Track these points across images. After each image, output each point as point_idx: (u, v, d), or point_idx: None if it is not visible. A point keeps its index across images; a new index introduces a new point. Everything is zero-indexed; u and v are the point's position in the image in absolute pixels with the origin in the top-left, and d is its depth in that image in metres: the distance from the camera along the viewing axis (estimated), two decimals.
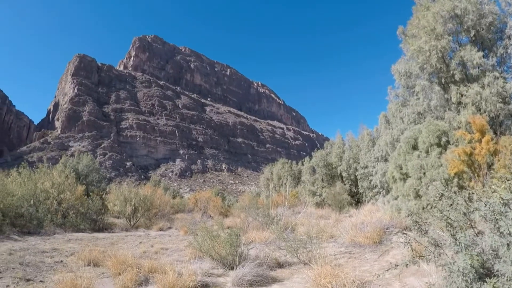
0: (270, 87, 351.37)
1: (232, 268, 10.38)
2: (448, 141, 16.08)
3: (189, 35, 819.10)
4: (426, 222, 6.14)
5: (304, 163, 46.50)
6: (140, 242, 17.46)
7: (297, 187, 44.23)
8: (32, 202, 22.05)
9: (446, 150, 15.60)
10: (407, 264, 5.80)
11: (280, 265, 10.94)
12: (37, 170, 26.63)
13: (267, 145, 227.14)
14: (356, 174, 34.14)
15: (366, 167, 32.43)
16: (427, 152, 16.32)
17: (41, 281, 10.22)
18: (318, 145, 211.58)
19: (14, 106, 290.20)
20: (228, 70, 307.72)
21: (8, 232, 18.84)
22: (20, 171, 25.90)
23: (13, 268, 11.42)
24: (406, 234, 6.33)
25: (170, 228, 27.40)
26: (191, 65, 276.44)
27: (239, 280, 8.84)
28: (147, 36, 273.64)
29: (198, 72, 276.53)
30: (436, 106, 19.09)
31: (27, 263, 12.12)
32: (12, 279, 10.37)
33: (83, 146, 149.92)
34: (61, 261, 12.78)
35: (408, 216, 6.62)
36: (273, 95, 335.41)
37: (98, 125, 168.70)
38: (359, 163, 34.70)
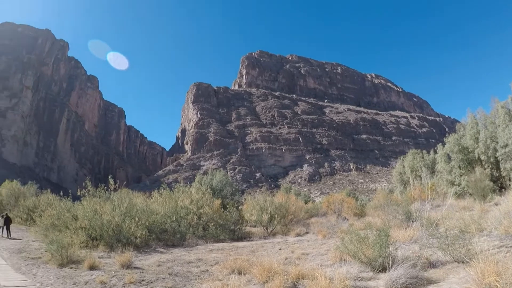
0: (385, 76, 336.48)
1: (381, 271, 9.59)
2: None
3: (292, 42, 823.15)
4: None
5: (437, 150, 42.23)
6: (280, 249, 17.41)
7: (432, 178, 40.77)
8: (174, 218, 23.60)
9: None
10: None
11: (432, 265, 9.94)
12: (175, 190, 28.49)
13: (393, 138, 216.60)
14: (496, 156, 30.40)
15: (506, 145, 28.65)
16: None
17: None
18: (447, 129, 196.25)
19: (146, 138, 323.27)
20: (339, 67, 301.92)
21: (154, 246, 20.26)
22: (161, 192, 27.98)
23: (163, 278, 12.02)
24: None
25: (307, 233, 27.19)
26: (302, 71, 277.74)
27: (393, 283, 8.06)
28: (253, 53, 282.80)
29: (309, 76, 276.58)
30: None
31: (176, 273, 12.68)
32: None
33: (213, 164, 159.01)
34: (207, 270, 13.15)
35: None
36: (389, 84, 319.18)
37: (224, 143, 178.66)
38: (497, 142, 30.69)
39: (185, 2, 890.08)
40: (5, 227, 31.03)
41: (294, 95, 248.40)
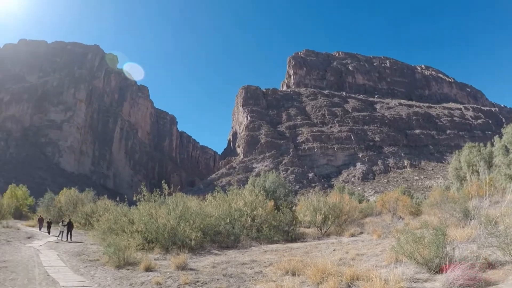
0: (435, 67, 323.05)
1: (438, 272, 9.37)
2: None
3: (337, 39, 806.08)
4: None
5: (494, 143, 39.59)
6: (334, 250, 17.31)
7: (490, 172, 38.60)
8: (228, 220, 23.98)
9: None
10: None
11: (491, 265, 9.62)
12: (229, 192, 28.94)
13: (448, 131, 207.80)
14: None
15: None
16: None
17: None
18: (504, 120, 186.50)
19: (198, 142, 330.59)
20: (387, 61, 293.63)
21: (208, 248, 20.73)
22: (214, 195, 28.52)
23: (217, 279, 12.31)
24: None
25: (361, 233, 26.84)
26: (349, 67, 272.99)
27: (450, 285, 7.89)
28: (299, 53, 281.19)
29: (358, 72, 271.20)
30: None
31: (230, 274, 12.94)
32: None
33: (266, 166, 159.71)
34: (261, 271, 13.31)
35: None
36: (441, 75, 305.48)
37: (276, 144, 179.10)
38: None
39: (231, 5, 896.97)
40: (66, 231, 33.92)
41: (344, 93, 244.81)
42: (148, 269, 14.94)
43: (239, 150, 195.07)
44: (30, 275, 15.33)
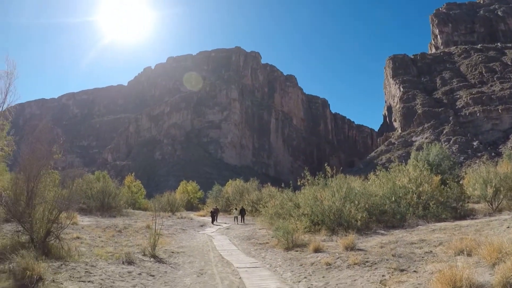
0: None
1: None
2: None
3: None
4: None
5: None
6: (508, 227, 15.73)
7: None
8: (393, 198, 23.63)
9: None
10: None
11: None
12: (391, 170, 28.43)
13: None
14: None
15: None
16: None
17: (414, 271, 10.78)
18: None
19: (353, 122, 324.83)
20: None
21: (374, 228, 20.83)
22: (377, 174, 28.29)
23: (386, 259, 12.50)
24: None
25: None
26: (499, 13, 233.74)
27: None
28: (440, 8, 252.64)
29: (510, 17, 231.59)
30: None
31: (399, 254, 13.01)
32: (387, 269, 11.39)
33: (426, 138, 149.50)
34: (430, 251, 13.11)
35: None
36: None
37: (433, 113, 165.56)
38: None
39: None
40: (240, 216, 40.11)
41: (498, 44, 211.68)
42: (317, 250, 15.49)
43: (396, 124, 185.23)
44: (206, 258, 17.26)
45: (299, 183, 28.93)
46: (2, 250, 12.05)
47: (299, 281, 12.15)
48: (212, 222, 38.46)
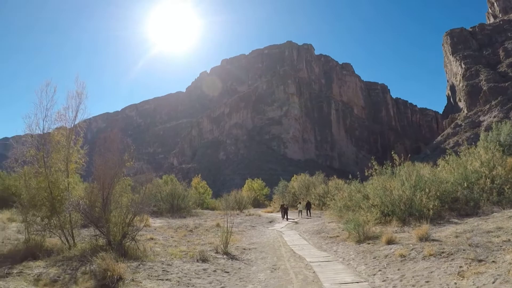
0: None
1: None
2: None
3: None
4: None
5: None
6: None
7: None
8: (465, 184, 22.48)
9: None
10: None
11: None
12: (460, 154, 27.08)
13: None
14: None
15: None
16: None
17: (493, 261, 10.27)
18: None
19: (416, 105, 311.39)
20: None
21: (447, 217, 19.95)
22: (446, 159, 27.05)
23: (463, 250, 11.97)
24: None
25: None
26: None
27: None
28: None
29: None
30: None
31: (476, 244, 12.41)
32: (464, 260, 10.93)
33: (494, 117, 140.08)
34: (509, 240, 12.41)
35: None
36: None
37: (500, 89, 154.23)
38: None
39: None
40: (306, 210, 39.90)
41: None
42: (390, 242, 15.17)
43: (461, 104, 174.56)
44: (278, 253, 17.34)
45: (366, 173, 28.37)
46: (83, 253, 13.02)
47: (374, 274, 12.00)
48: (283, 217, 38.39)
